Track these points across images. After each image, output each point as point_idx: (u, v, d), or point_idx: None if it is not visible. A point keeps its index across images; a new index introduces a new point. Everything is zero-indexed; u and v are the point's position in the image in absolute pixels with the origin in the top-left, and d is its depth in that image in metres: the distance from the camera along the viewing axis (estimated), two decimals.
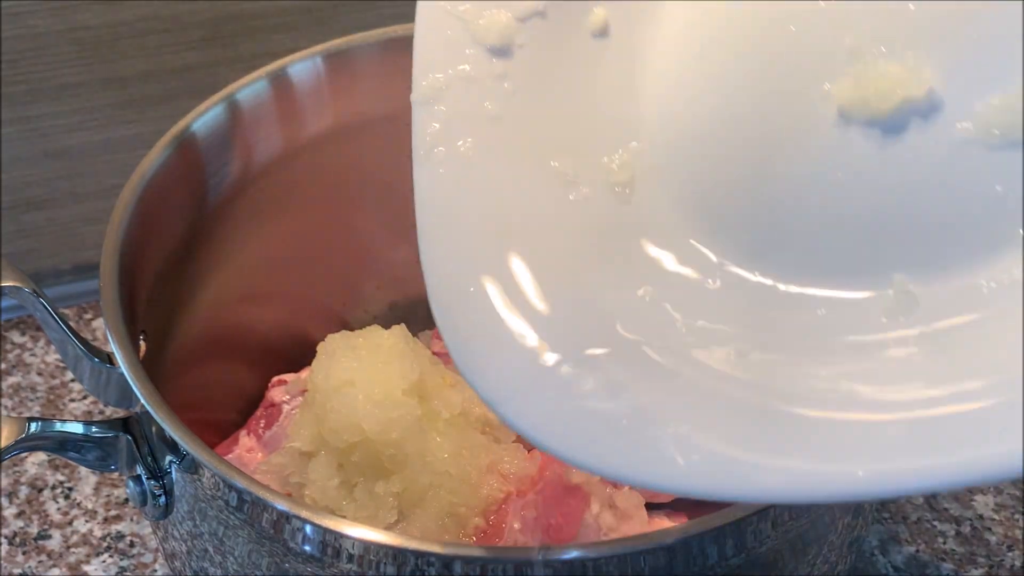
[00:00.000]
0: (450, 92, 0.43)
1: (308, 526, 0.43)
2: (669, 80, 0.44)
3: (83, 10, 0.68)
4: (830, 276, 0.39)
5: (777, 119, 0.41)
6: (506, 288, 0.40)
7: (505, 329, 0.39)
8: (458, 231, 0.42)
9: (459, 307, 0.41)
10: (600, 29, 0.45)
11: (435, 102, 0.43)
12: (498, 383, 0.39)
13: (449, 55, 0.43)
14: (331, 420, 0.52)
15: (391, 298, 0.69)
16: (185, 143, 0.56)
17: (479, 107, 0.43)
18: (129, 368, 0.47)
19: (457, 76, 0.43)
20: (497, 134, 0.43)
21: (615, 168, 0.43)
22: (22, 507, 0.66)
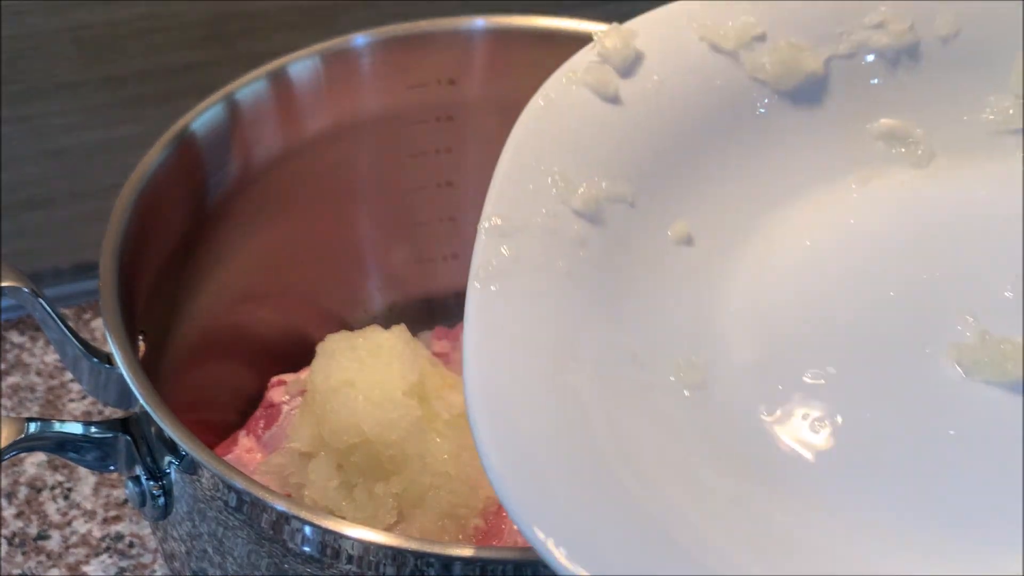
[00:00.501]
0: (524, 234, 0.42)
1: (307, 527, 0.43)
2: (756, 306, 0.43)
3: (82, 9, 0.68)
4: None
5: (888, 366, 0.40)
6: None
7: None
8: (508, 365, 0.39)
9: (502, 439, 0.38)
10: (683, 238, 0.44)
11: (505, 237, 0.42)
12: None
13: (533, 201, 0.42)
14: (331, 421, 0.52)
15: (391, 298, 0.69)
16: (185, 143, 0.56)
17: (551, 260, 0.41)
18: (128, 368, 0.46)
19: (535, 223, 0.42)
20: (564, 288, 0.41)
21: (685, 366, 0.41)
22: (21, 507, 0.66)
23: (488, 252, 0.41)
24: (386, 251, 0.68)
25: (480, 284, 0.41)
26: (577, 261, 0.42)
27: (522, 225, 0.42)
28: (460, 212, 0.67)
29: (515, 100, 0.63)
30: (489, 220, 0.42)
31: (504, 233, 0.42)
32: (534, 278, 0.41)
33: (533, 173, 0.43)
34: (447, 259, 0.69)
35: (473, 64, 0.63)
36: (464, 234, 0.68)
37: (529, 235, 0.42)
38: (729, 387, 0.41)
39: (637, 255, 0.43)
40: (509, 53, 0.62)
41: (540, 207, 0.42)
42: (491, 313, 0.40)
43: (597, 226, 0.43)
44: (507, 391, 0.38)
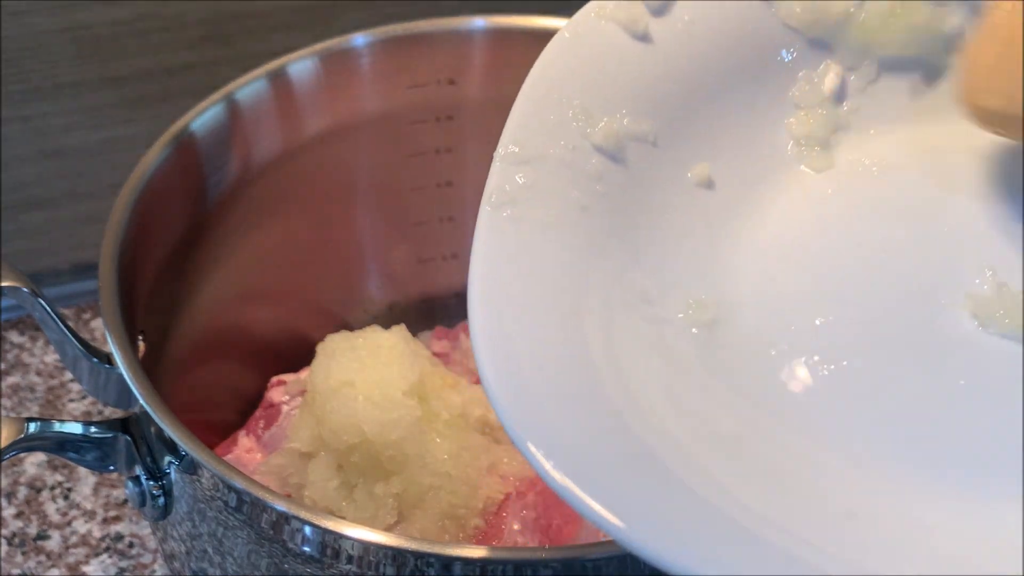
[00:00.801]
0: (540, 164, 0.41)
1: (307, 527, 0.43)
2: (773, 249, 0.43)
3: (82, 9, 0.68)
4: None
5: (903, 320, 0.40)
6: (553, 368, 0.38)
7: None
8: (516, 295, 0.39)
9: (508, 362, 0.38)
10: (704, 182, 0.44)
11: (522, 164, 0.41)
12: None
13: (552, 133, 0.42)
14: (331, 421, 0.52)
15: (391, 298, 0.69)
16: (184, 142, 0.56)
17: (566, 191, 0.41)
18: (128, 368, 0.46)
19: (553, 155, 0.41)
20: (577, 220, 0.41)
21: (695, 304, 0.41)
22: (21, 508, 0.66)
23: (502, 178, 0.41)
24: (386, 251, 0.68)
25: (491, 208, 0.40)
26: (593, 195, 0.41)
27: (539, 155, 0.41)
28: (460, 212, 0.67)
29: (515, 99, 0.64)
30: (505, 148, 0.41)
31: (520, 161, 0.41)
32: (547, 207, 0.40)
33: (554, 104, 0.43)
34: (447, 259, 0.69)
35: (473, 64, 0.63)
36: (464, 234, 0.68)
37: (545, 165, 0.41)
38: (738, 327, 0.41)
39: (655, 194, 0.43)
40: (509, 53, 0.62)
41: (559, 139, 0.42)
42: (500, 237, 0.40)
43: (616, 163, 0.43)
44: (510, 314, 0.38)
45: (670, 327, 0.40)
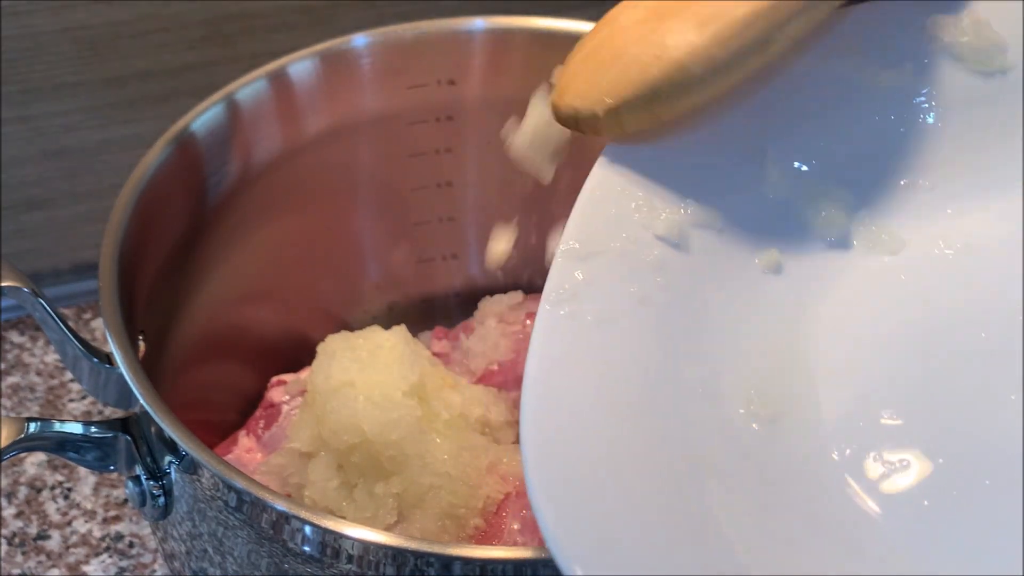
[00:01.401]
0: (600, 259, 0.41)
1: (307, 527, 0.43)
2: (842, 342, 0.42)
3: (82, 9, 0.68)
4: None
5: (970, 413, 0.39)
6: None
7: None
8: (569, 391, 0.38)
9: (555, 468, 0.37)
10: (772, 267, 0.43)
11: (581, 260, 0.41)
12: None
13: (613, 227, 0.42)
14: (331, 421, 0.52)
15: (391, 298, 0.69)
16: (184, 143, 0.56)
17: (625, 285, 0.41)
18: (128, 368, 0.46)
19: (613, 248, 0.41)
20: (636, 313, 0.40)
21: (757, 398, 0.40)
22: (21, 507, 0.66)
23: (561, 275, 0.41)
24: (386, 251, 0.68)
25: (550, 306, 0.40)
26: (653, 287, 0.41)
27: (600, 250, 0.41)
28: (460, 212, 0.67)
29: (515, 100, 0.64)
30: (567, 243, 0.41)
31: (580, 257, 0.41)
32: (605, 302, 0.40)
33: (615, 198, 0.43)
34: (447, 259, 0.69)
35: (473, 64, 0.63)
36: (464, 234, 0.68)
37: (606, 259, 0.41)
38: (802, 424, 0.40)
39: (719, 282, 0.42)
40: (509, 53, 0.62)
41: (620, 232, 0.42)
42: (557, 335, 0.39)
43: (680, 252, 0.42)
44: (559, 415, 0.37)
45: (729, 423, 0.39)
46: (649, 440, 0.38)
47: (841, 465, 0.39)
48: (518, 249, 0.69)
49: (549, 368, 0.38)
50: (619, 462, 0.37)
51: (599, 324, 0.40)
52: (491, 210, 0.67)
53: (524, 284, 0.69)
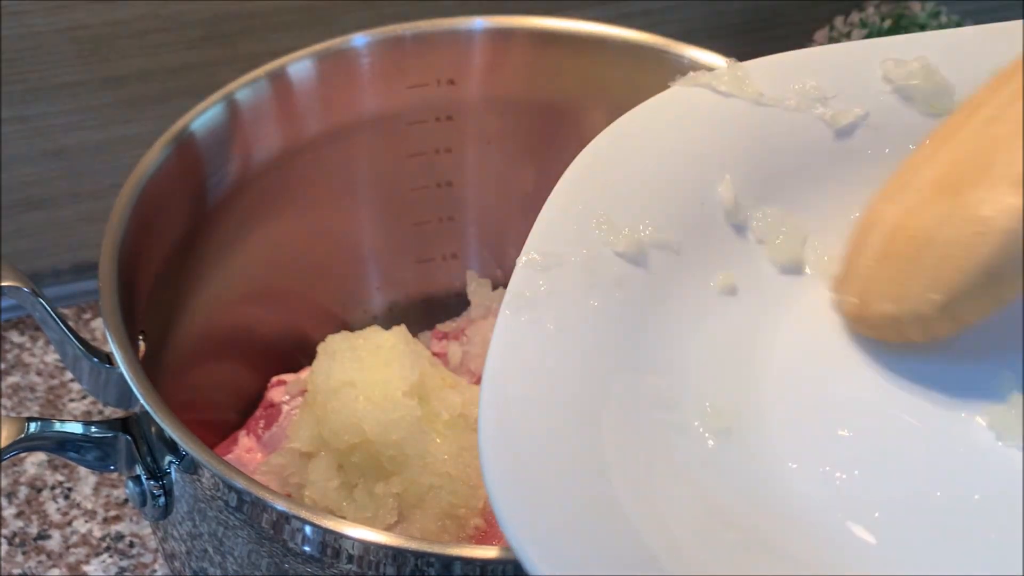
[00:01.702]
0: (561, 271, 0.41)
1: (308, 527, 0.43)
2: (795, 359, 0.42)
3: (82, 9, 0.68)
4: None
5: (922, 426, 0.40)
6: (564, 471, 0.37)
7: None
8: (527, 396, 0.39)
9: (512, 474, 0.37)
10: (727, 289, 0.44)
11: (543, 271, 0.41)
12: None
13: (574, 241, 0.42)
14: (331, 421, 0.52)
15: (391, 298, 0.69)
16: (184, 143, 0.56)
17: (585, 297, 0.41)
18: (128, 368, 0.46)
19: (574, 262, 0.42)
20: (596, 325, 0.41)
21: (712, 412, 0.40)
22: (21, 507, 0.66)
23: (522, 284, 0.41)
24: (386, 251, 0.68)
25: (510, 312, 0.40)
26: (612, 301, 0.42)
27: (559, 262, 0.42)
28: (460, 212, 0.67)
29: (515, 100, 0.64)
30: (528, 254, 0.42)
31: (542, 267, 0.42)
32: (566, 311, 0.41)
33: (578, 213, 0.43)
34: (447, 259, 0.69)
35: (473, 64, 0.63)
36: (464, 234, 0.68)
37: (566, 271, 0.41)
38: (756, 437, 0.40)
39: (676, 301, 0.43)
40: (509, 53, 0.62)
41: (581, 246, 0.42)
42: (517, 341, 0.40)
43: (638, 269, 0.43)
44: (519, 414, 0.38)
45: (684, 435, 0.40)
46: (604, 445, 0.38)
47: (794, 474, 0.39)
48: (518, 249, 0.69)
49: (507, 371, 0.39)
50: (575, 466, 0.37)
51: (559, 332, 0.40)
52: (491, 210, 0.68)
53: None
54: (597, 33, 0.61)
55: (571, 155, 0.65)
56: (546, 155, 0.65)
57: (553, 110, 0.63)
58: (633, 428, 0.39)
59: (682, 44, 0.60)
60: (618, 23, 0.61)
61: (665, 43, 0.60)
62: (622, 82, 0.62)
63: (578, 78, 0.62)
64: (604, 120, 0.63)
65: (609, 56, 0.61)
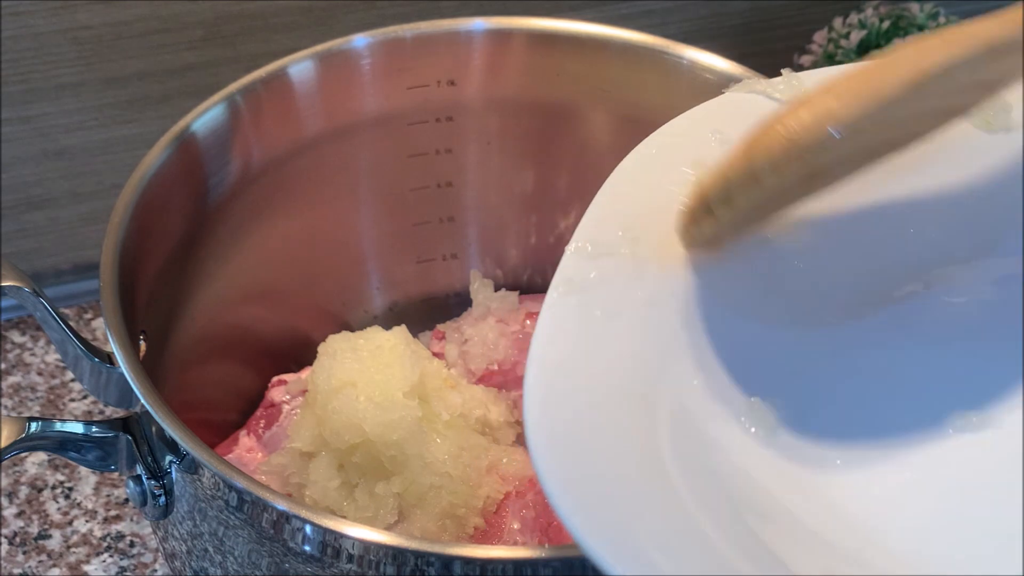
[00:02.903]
0: (612, 260, 0.41)
1: (308, 526, 0.43)
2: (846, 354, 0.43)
3: (83, 10, 0.68)
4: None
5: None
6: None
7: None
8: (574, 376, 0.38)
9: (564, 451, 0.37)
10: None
11: (593, 260, 0.41)
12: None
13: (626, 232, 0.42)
14: (332, 421, 0.52)
15: (391, 298, 0.69)
16: (185, 143, 0.56)
17: (635, 288, 0.41)
18: (129, 368, 0.47)
19: (624, 253, 0.42)
20: (646, 314, 0.41)
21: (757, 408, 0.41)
22: (22, 507, 0.66)
23: (572, 269, 0.41)
24: (386, 251, 0.68)
25: (558, 294, 0.40)
26: (661, 292, 0.41)
27: (611, 252, 0.42)
28: (460, 212, 0.67)
29: (515, 101, 0.64)
30: (579, 242, 0.42)
31: (591, 256, 0.41)
32: (613, 300, 0.40)
33: (631, 206, 0.43)
34: (447, 259, 0.69)
35: (473, 65, 0.63)
36: (464, 234, 0.68)
37: (616, 261, 0.41)
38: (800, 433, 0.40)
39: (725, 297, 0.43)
40: (509, 53, 0.62)
41: (631, 240, 0.42)
42: (564, 322, 0.39)
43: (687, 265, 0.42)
44: (565, 395, 0.38)
45: (731, 426, 0.40)
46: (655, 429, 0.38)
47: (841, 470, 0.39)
48: (518, 249, 0.69)
49: (553, 351, 0.39)
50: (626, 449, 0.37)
51: (606, 318, 0.40)
52: (491, 210, 0.68)
53: (524, 284, 0.69)
54: (597, 34, 0.61)
55: (571, 155, 0.65)
56: (546, 155, 0.66)
57: (553, 110, 0.64)
58: (680, 418, 0.39)
59: (682, 45, 0.60)
60: (618, 24, 0.61)
61: (665, 44, 0.60)
62: (622, 83, 0.62)
63: (578, 78, 0.62)
64: (604, 120, 0.64)
65: (609, 57, 0.61)
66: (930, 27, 0.71)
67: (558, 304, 0.40)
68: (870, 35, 0.72)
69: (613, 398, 0.38)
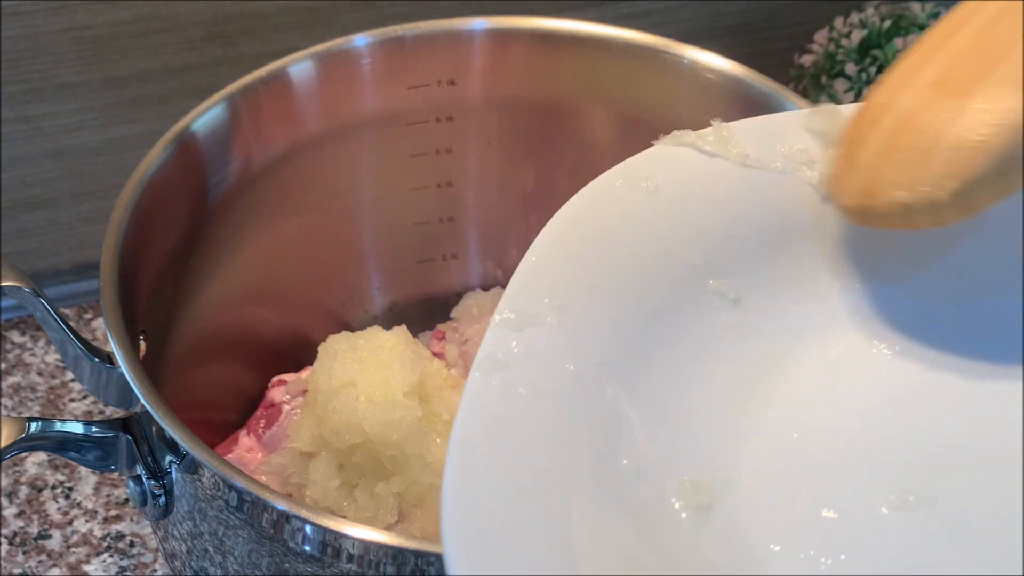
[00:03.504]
0: (537, 331, 0.40)
1: (308, 526, 0.43)
2: (780, 430, 0.41)
3: (83, 10, 0.68)
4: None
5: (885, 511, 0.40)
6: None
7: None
8: (495, 463, 0.37)
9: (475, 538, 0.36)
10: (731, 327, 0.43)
11: (517, 331, 0.40)
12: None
13: (552, 299, 0.41)
14: (332, 421, 0.52)
15: (391, 298, 0.69)
16: (185, 143, 0.56)
17: (561, 361, 0.40)
18: (129, 368, 0.47)
19: (550, 323, 0.40)
20: (571, 391, 0.39)
21: (691, 486, 0.39)
22: (22, 507, 0.66)
23: (495, 345, 0.39)
24: (386, 251, 0.68)
25: (481, 374, 0.39)
26: (590, 365, 0.40)
27: (536, 322, 0.40)
28: (460, 212, 0.67)
29: (515, 100, 0.64)
30: (501, 314, 0.40)
31: (516, 327, 0.40)
32: (539, 376, 0.39)
33: (556, 273, 0.42)
34: (447, 259, 0.69)
35: (473, 64, 0.63)
36: (464, 234, 0.68)
37: (542, 332, 0.40)
38: (737, 513, 0.39)
39: (661, 363, 0.42)
40: (509, 53, 0.62)
41: (558, 307, 0.41)
42: (487, 404, 0.38)
43: (619, 329, 0.41)
44: (485, 485, 0.36)
45: (660, 511, 0.39)
46: (571, 522, 0.37)
47: (778, 558, 0.38)
48: (518, 249, 0.69)
49: (474, 439, 0.37)
50: (538, 541, 0.36)
51: (532, 398, 0.39)
52: (491, 210, 0.68)
53: None
54: (597, 34, 0.61)
55: (571, 155, 0.65)
56: (546, 155, 0.66)
57: (553, 110, 0.64)
58: (605, 503, 0.38)
59: (682, 45, 0.60)
60: (618, 24, 0.61)
61: (665, 44, 0.60)
62: (622, 82, 0.62)
63: (578, 78, 0.62)
64: (604, 120, 0.64)
65: (609, 57, 0.61)
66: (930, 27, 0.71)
67: (480, 384, 0.38)
68: (871, 35, 0.72)
69: (530, 487, 0.37)
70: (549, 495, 0.37)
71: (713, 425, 0.41)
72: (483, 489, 0.36)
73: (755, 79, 0.58)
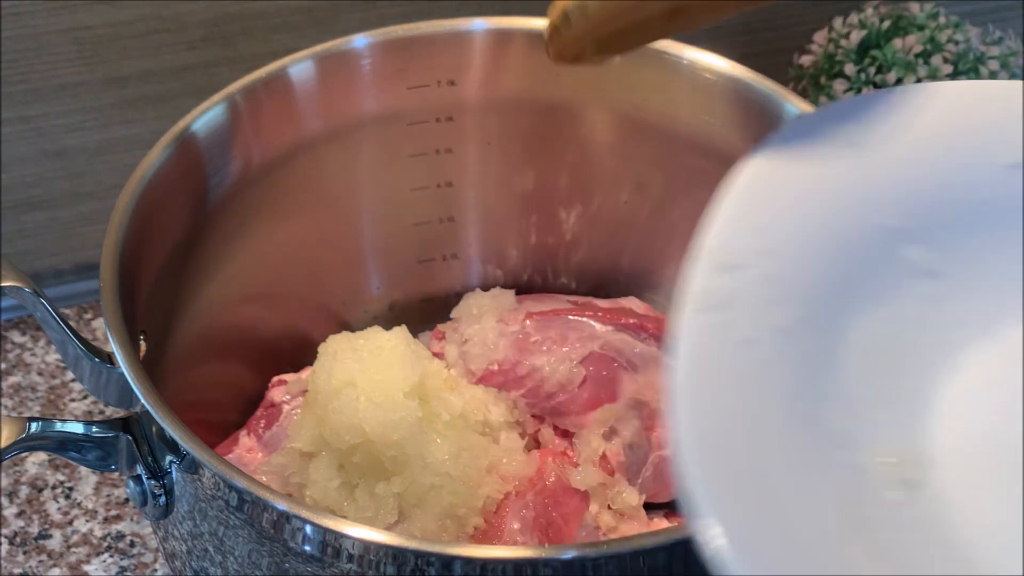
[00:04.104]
0: (745, 274, 0.39)
1: (308, 526, 0.43)
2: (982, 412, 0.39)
3: (83, 10, 0.68)
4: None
5: None
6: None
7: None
8: (719, 409, 0.37)
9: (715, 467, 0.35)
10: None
11: (725, 271, 0.39)
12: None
13: (763, 241, 0.39)
14: (332, 421, 0.52)
15: (391, 298, 0.69)
16: (185, 143, 0.56)
17: (770, 310, 0.38)
18: (129, 368, 0.47)
19: (761, 268, 0.39)
20: (781, 345, 0.38)
21: (895, 459, 0.38)
22: (22, 507, 0.66)
23: (707, 282, 0.38)
24: (386, 251, 0.68)
25: (695, 311, 0.38)
26: (797, 320, 0.39)
27: (747, 264, 0.39)
28: (460, 212, 0.67)
29: (515, 100, 0.64)
30: (711, 248, 0.39)
31: (726, 267, 0.39)
32: (750, 323, 0.38)
33: (771, 204, 0.40)
34: (447, 259, 0.69)
35: (473, 65, 0.63)
36: (464, 234, 0.68)
37: (752, 277, 0.39)
38: (942, 489, 0.37)
39: (866, 321, 0.40)
40: (509, 54, 0.62)
41: (771, 248, 0.40)
42: (704, 345, 0.37)
43: (824, 285, 0.40)
44: (716, 424, 0.36)
45: (865, 480, 0.37)
46: (792, 479, 0.36)
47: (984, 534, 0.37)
48: (518, 249, 0.69)
49: (699, 376, 0.37)
50: (758, 466, 0.36)
51: (746, 345, 0.38)
52: (491, 210, 0.68)
53: (524, 284, 0.69)
54: None
55: (571, 155, 0.65)
56: (546, 155, 0.66)
57: (553, 110, 0.64)
58: (810, 468, 0.37)
59: (682, 44, 0.60)
60: None
61: (665, 44, 0.60)
62: (622, 82, 0.62)
63: (578, 78, 0.62)
64: (604, 120, 0.64)
65: None
66: (930, 27, 0.71)
67: (696, 322, 0.38)
68: (870, 35, 0.72)
69: (748, 436, 0.36)
70: (767, 445, 0.36)
71: (906, 399, 0.39)
72: (715, 428, 0.36)
73: (755, 79, 0.58)
